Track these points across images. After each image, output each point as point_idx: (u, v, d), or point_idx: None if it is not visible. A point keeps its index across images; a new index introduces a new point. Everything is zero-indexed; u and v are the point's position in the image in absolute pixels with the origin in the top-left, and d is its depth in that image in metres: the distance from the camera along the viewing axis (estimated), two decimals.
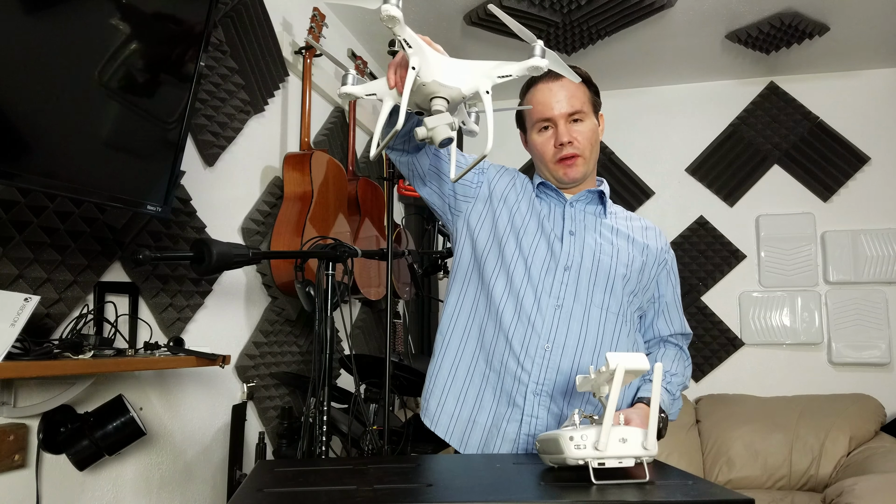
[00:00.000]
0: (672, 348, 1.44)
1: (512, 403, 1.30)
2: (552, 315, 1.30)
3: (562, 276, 1.32)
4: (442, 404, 1.37)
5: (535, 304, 1.30)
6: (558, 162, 1.36)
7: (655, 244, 1.42)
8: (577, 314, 1.30)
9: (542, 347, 1.28)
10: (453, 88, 0.94)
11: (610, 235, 1.38)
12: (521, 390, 1.29)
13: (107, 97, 1.34)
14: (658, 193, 3.66)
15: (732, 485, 2.88)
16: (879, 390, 3.15)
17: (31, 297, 1.20)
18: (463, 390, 1.36)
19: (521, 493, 0.87)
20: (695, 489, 0.85)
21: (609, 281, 1.33)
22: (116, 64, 1.36)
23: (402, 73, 0.98)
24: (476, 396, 1.34)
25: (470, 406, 1.35)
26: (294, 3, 2.52)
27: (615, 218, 1.43)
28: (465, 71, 0.96)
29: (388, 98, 1.02)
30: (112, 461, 1.61)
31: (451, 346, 1.38)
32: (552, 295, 1.31)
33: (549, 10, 2.69)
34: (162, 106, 1.49)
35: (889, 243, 3.32)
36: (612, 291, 1.33)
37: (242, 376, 2.14)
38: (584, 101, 1.36)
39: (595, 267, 1.32)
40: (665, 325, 1.44)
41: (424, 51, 0.94)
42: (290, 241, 2.14)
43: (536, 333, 1.29)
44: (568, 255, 1.33)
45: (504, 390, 1.31)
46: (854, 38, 3.07)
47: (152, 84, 1.46)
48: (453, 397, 1.36)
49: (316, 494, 0.84)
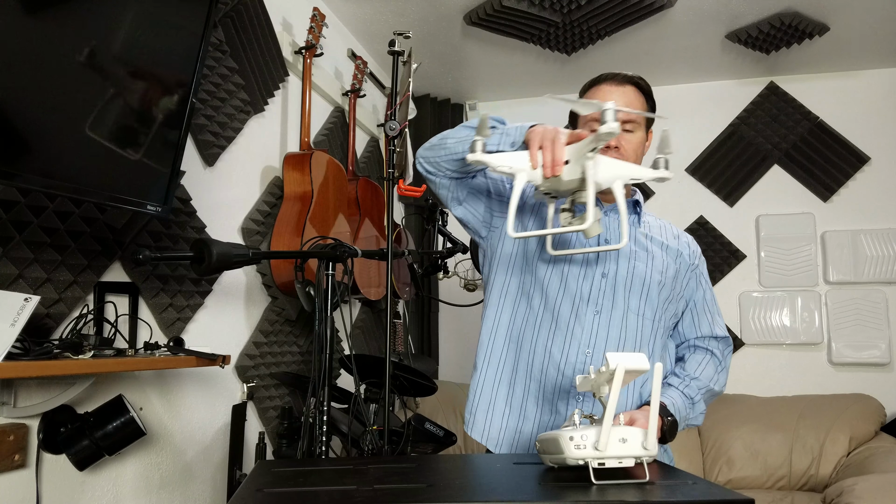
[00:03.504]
0: (700, 352, 1.44)
1: (555, 411, 1.32)
2: (591, 321, 1.31)
3: (599, 283, 1.33)
4: (490, 418, 1.38)
5: (573, 311, 1.32)
6: None
7: (688, 251, 1.45)
8: (616, 320, 1.32)
9: (584, 353, 1.30)
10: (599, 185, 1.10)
11: (645, 242, 1.40)
12: (564, 397, 1.31)
13: (107, 97, 1.34)
14: (658, 193, 3.66)
15: (732, 485, 2.88)
16: (879, 390, 3.15)
17: (31, 297, 1.20)
18: (507, 402, 1.37)
19: (521, 493, 0.87)
20: (695, 489, 0.84)
21: (645, 287, 1.34)
22: (116, 64, 1.36)
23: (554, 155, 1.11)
24: (520, 407, 1.36)
25: (516, 417, 1.36)
26: (294, 3, 2.52)
27: (649, 227, 1.45)
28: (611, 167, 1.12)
29: (522, 174, 1.13)
30: (112, 461, 1.61)
31: (492, 360, 1.40)
32: (591, 301, 1.32)
33: (549, 10, 2.69)
34: (162, 106, 1.49)
35: (889, 243, 3.32)
36: (647, 297, 1.34)
37: (242, 376, 2.14)
38: None
39: (631, 274, 1.34)
40: (692, 328, 1.45)
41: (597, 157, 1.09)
42: (290, 241, 2.14)
43: (577, 340, 1.30)
44: (605, 263, 1.34)
45: (546, 398, 1.32)
46: (854, 38, 3.07)
47: (152, 84, 1.46)
48: (499, 411, 1.38)
49: (316, 494, 0.84)
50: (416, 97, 3.64)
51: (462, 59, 3.34)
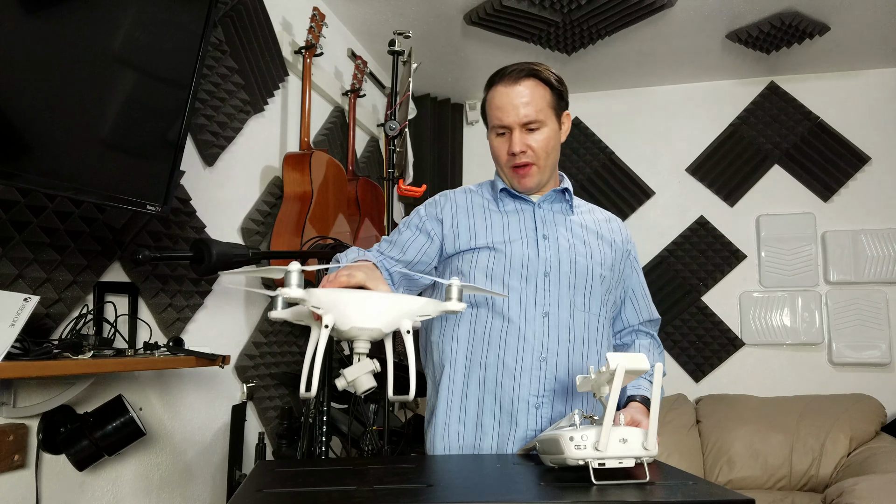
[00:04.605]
0: (645, 338, 1.44)
1: (514, 423, 1.27)
2: (541, 324, 1.28)
3: (543, 283, 1.30)
4: (447, 440, 1.32)
5: (522, 315, 1.28)
6: (513, 170, 1.35)
7: (620, 237, 1.42)
8: (564, 319, 1.29)
9: (539, 359, 1.27)
10: (374, 330, 0.94)
11: (581, 233, 1.37)
12: (523, 406, 1.27)
13: (106, 96, 1.34)
14: (658, 193, 3.66)
15: (733, 485, 2.88)
16: (880, 390, 3.15)
17: (31, 297, 1.19)
18: (461, 420, 1.32)
19: (521, 493, 0.87)
20: (695, 489, 0.84)
21: (588, 282, 1.32)
22: (116, 64, 1.35)
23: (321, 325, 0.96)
24: (476, 424, 1.31)
25: (472, 435, 1.31)
26: (294, 3, 2.52)
27: (580, 213, 1.42)
28: (387, 310, 0.95)
29: (315, 327, 1.01)
30: (112, 461, 1.61)
31: (444, 379, 1.34)
32: (537, 303, 1.29)
33: (549, 10, 2.69)
34: (161, 105, 1.49)
35: (889, 243, 3.32)
36: (591, 292, 1.32)
37: (242, 376, 2.13)
38: (542, 108, 1.31)
39: (573, 270, 1.31)
40: (634, 313, 1.44)
41: (338, 303, 0.93)
42: (289, 241, 2.14)
43: (529, 345, 1.27)
44: (545, 262, 1.31)
45: (504, 410, 1.28)
46: (854, 38, 3.07)
47: (152, 84, 1.46)
48: (454, 431, 1.32)
49: (316, 495, 0.84)
50: (416, 97, 3.64)
51: (462, 59, 3.34)
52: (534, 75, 1.32)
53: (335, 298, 0.93)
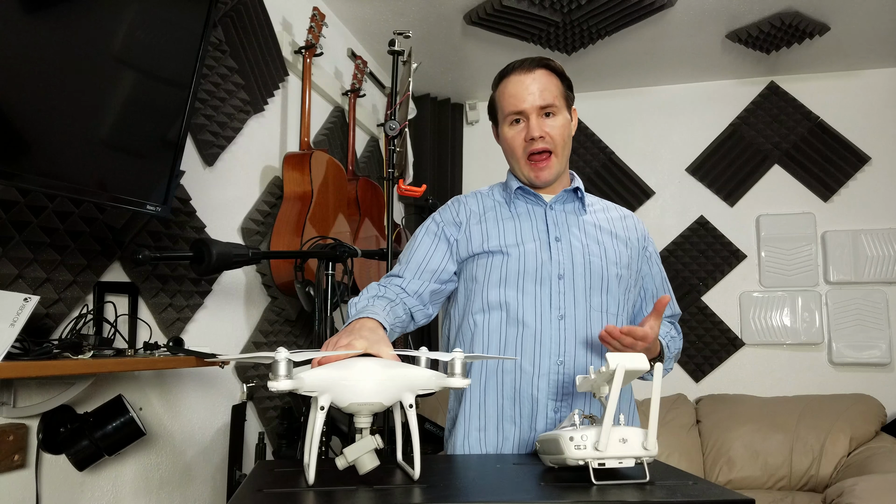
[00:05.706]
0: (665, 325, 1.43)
1: (533, 428, 1.27)
2: (557, 327, 1.27)
3: (557, 286, 1.29)
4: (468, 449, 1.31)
5: (538, 319, 1.27)
6: (529, 160, 1.33)
7: (636, 234, 1.41)
8: (581, 321, 1.28)
9: (556, 362, 1.26)
10: (374, 405, 0.89)
11: (595, 233, 1.35)
12: (542, 411, 1.26)
13: (106, 96, 1.34)
14: (658, 193, 3.66)
15: (733, 485, 2.88)
16: (880, 390, 3.15)
17: (31, 297, 1.19)
18: (481, 428, 1.30)
19: (521, 493, 0.87)
20: (695, 489, 0.84)
21: (604, 282, 1.30)
22: (116, 64, 1.35)
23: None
24: (497, 430, 1.29)
25: (494, 443, 1.29)
26: (294, 3, 2.52)
27: (594, 211, 1.40)
28: (386, 385, 0.90)
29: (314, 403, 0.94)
30: (112, 461, 1.61)
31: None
32: (553, 307, 1.28)
33: (549, 10, 2.69)
34: (161, 105, 1.49)
35: (889, 243, 3.32)
36: (608, 292, 1.31)
37: (242, 376, 2.13)
38: (557, 95, 1.32)
39: (587, 271, 1.30)
40: None
41: (333, 383, 0.87)
42: (289, 241, 2.14)
43: (546, 348, 1.26)
44: (559, 264, 1.30)
45: (524, 416, 1.27)
46: (854, 38, 3.07)
47: (152, 84, 1.46)
48: (474, 439, 1.31)
49: (316, 495, 0.84)
50: (415, 97, 3.64)
51: (462, 59, 3.34)
52: (545, 66, 1.33)
53: (328, 378, 0.88)
